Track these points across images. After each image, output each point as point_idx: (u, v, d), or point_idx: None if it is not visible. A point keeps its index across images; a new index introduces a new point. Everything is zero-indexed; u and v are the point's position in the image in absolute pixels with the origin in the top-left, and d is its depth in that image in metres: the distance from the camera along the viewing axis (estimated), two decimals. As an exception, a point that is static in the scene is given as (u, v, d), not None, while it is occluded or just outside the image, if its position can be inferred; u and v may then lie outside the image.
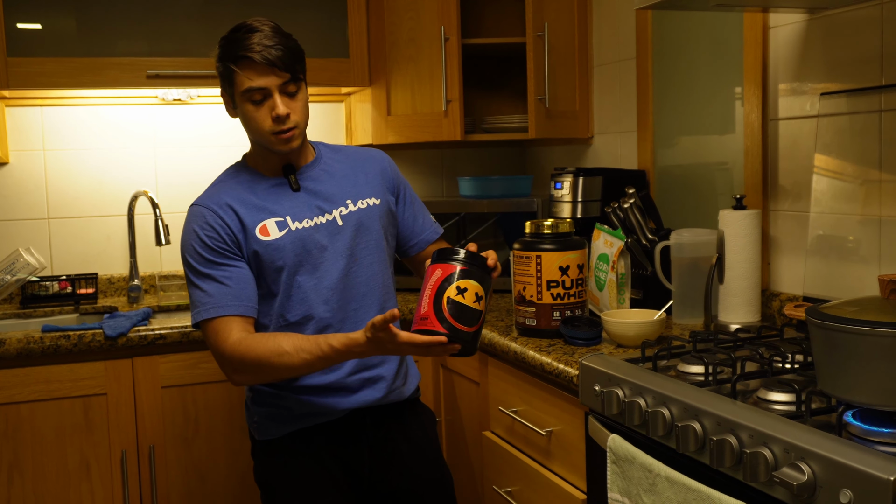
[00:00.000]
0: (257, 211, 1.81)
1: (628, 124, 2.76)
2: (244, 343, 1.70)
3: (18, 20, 2.65)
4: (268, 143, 1.82)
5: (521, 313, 2.15)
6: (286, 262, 1.80)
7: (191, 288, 1.79)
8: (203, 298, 1.75)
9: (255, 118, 1.78)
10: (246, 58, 1.75)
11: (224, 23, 2.81)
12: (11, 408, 2.41)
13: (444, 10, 2.84)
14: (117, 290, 3.09)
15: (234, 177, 1.89)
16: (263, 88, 1.76)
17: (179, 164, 3.15)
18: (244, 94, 1.77)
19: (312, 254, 1.82)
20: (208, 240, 1.77)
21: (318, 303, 1.82)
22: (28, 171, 3.00)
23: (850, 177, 1.94)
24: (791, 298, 2.11)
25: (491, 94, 3.28)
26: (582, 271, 2.13)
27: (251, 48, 1.74)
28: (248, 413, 1.95)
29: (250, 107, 1.78)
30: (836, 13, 1.96)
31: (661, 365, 1.72)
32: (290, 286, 1.81)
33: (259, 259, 1.80)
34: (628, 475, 1.57)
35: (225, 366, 1.75)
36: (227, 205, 1.81)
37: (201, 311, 1.75)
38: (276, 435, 1.86)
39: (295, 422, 1.84)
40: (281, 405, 1.84)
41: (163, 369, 2.53)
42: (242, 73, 1.76)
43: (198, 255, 1.77)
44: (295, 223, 1.82)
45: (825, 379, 1.36)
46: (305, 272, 1.81)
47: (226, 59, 1.78)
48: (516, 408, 2.14)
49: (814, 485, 1.20)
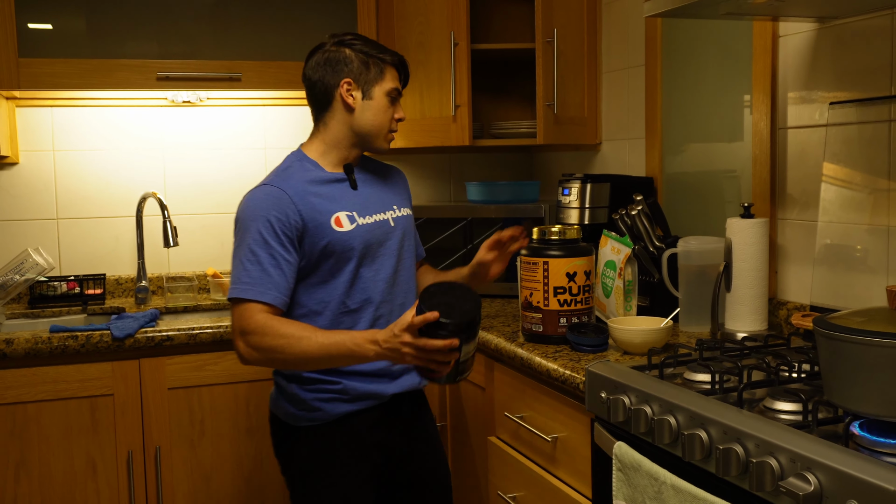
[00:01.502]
0: (330, 202, 1.91)
1: (636, 131, 2.76)
2: (270, 323, 1.79)
3: (30, 20, 2.66)
4: (379, 140, 1.99)
5: (527, 319, 2.15)
6: (355, 252, 1.91)
7: (238, 260, 1.85)
8: (245, 277, 1.82)
9: (386, 113, 1.97)
10: (401, 65, 2.01)
11: (234, 25, 2.85)
12: (19, 407, 2.42)
13: (453, 16, 2.85)
14: (125, 291, 3.10)
15: (301, 166, 1.96)
16: (400, 94, 2.01)
17: (188, 166, 3.16)
18: (389, 91, 1.97)
19: (373, 247, 1.95)
20: (276, 222, 1.84)
21: (376, 293, 1.95)
22: (38, 172, 3.01)
23: (858, 186, 1.93)
24: (798, 307, 2.11)
25: (499, 100, 3.29)
26: (589, 278, 2.13)
27: (399, 59, 2.01)
28: (283, 403, 1.98)
29: (386, 103, 1.97)
30: (846, 22, 1.96)
31: (667, 373, 1.72)
32: (355, 275, 1.92)
33: (329, 248, 1.88)
34: (634, 483, 1.57)
35: (242, 343, 1.82)
36: (303, 193, 1.88)
37: (240, 288, 1.82)
38: (325, 419, 1.93)
39: (348, 404, 1.93)
40: (335, 389, 1.92)
41: (169, 371, 2.54)
42: (393, 74, 1.98)
43: (259, 234, 1.83)
44: (361, 218, 1.94)
45: (832, 389, 1.36)
46: (367, 264, 1.93)
47: (377, 55, 1.96)
48: (522, 413, 2.14)
49: (820, 495, 1.20)
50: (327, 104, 1.96)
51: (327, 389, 1.93)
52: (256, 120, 3.23)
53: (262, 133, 3.24)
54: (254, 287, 1.81)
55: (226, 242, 3.22)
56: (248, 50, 2.87)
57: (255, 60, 2.86)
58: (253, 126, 3.23)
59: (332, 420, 1.94)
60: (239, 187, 3.21)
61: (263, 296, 1.81)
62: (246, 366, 1.91)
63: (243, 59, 2.85)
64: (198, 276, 3.15)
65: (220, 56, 2.84)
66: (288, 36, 2.91)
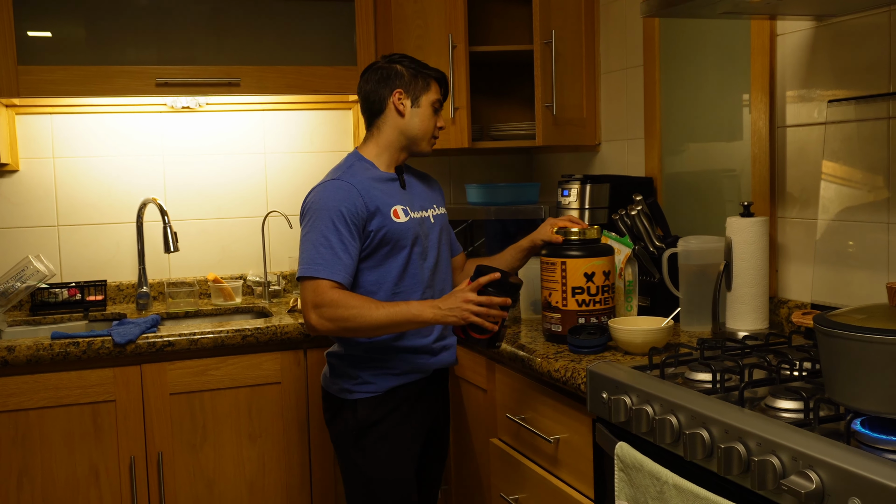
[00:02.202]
0: (388, 196, 2.16)
1: (636, 131, 2.76)
2: (342, 296, 2.04)
3: (29, 28, 2.67)
4: (424, 143, 2.23)
5: (547, 319, 2.16)
6: (409, 240, 2.15)
7: (310, 243, 2.09)
8: (318, 259, 2.06)
9: (431, 120, 2.22)
10: (443, 80, 2.26)
11: (232, 31, 2.86)
12: (21, 414, 2.43)
13: (451, 18, 2.85)
14: (126, 297, 3.10)
15: (361, 165, 2.19)
16: (443, 104, 2.26)
17: (188, 171, 3.17)
18: (434, 102, 2.21)
19: (421, 238, 2.20)
20: (346, 212, 2.08)
21: (423, 278, 2.20)
22: (38, 179, 3.02)
23: (857, 183, 1.93)
24: (799, 306, 2.11)
25: (498, 102, 3.29)
26: (608, 278, 2.13)
27: (444, 77, 2.26)
28: (333, 377, 2.22)
29: (431, 112, 2.21)
30: (844, 20, 1.96)
31: (668, 372, 1.72)
32: (408, 261, 2.16)
33: (388, 236, 2.12)
34: (636, 483, 1.57)
35: (315, 315, 2.05)
36: (367, 188, 2.13)
37: (314, 268, 2.06)
38: (376, 392, 2.16)
39: (398, 378, 2.17)
40: (386, 364, 2.16)
41: (171, 376, 2.54)
42: (437, 87, 2.23)
43: (331, 222, 2.07)
44: (413, 213, 2.19)
45: (833, 387, 1.35)
46: (417, 252, 2.18)
47: (423, 71, 2.22)
48: (524, 415, 2.14)
49: (822, 493, 1.20)
50: (380, 111, 2.21)
51: (378, 366, 2.16)
52: (256, 124, 3.24)
53: (262, 137, 3.25)
54: (327, 267, 2.05)
55: (226, 248, 3.22)
56: (246, 55, 2.87)
57: (254, 65, 2.87)
58: (252, 131, 3.24)
59: (383, 392, 2.16)
60: (239, 192, 3.22)
61: (335, 275, 2.05)
62: (314, 334, 2.17)
63: (242, 64, 2.86)
64: (199, 282, 3.15)
65: (218, 61, 2.85)
66: (286, 40, 2.91)
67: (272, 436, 2.66)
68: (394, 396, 2.18)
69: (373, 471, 2.16)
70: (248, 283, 3.21)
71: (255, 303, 3.08)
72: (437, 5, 2.88)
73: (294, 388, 2.67)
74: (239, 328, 2.60)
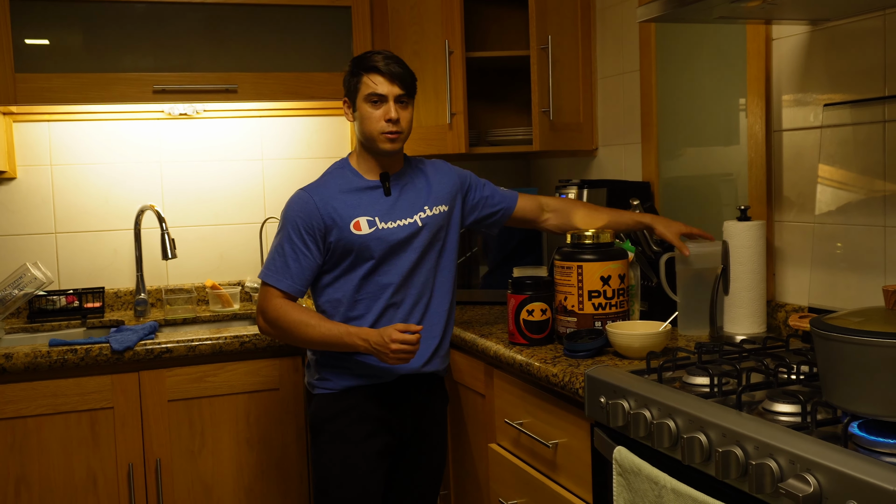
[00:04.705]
0: (353, 208, 2.16)
1: (632, 136, 2.76)
2: (283, 307, 2.14)
3: (26, 36, 2.67)
4: (376, 142, 2.15)
5: (562, 323, 2.16)
6: (374, 251, 2.15)
7: (272, 250, 2.20)
8: (271, 265, 2.17)
9: (371, 118, 2.14)
10: (374, 69, 2.14)
11: (229, 37, 2.86)
12: (19, 422, 2.42)
13: (448, 24, 2.86)
14: (124, 304, 3.10)
15: (340, 173, 2.23)
16: (383, 95, 2.13)
17: (186, 178, 3.17)
18: (367, 97, 2.14)
19: (395, 248, 2.17)
20: (302, 223, 2.14)
21: (394, 284, 2.19)
22: (35, 186, 3.02)
23: (853, 187, 1.94)
24: (796, 309, 2.11)
25: (495, 107, 3.29)
26: (624, 281, 2.14)
27: (378, 62, 2.14)
28: (309, 371, 2.29)
29: (369, 108, 2.14)
30: (839, 24, 1.96)
31: (666, 376, 1.72)
32: (370, 271, 2.17)
33: (347, 248, 2.15)
34: (634, 487, 1.57)
35: (262, 318, 2.18)
36: (328, 200, 2.16)
37: (266, 273, 2.17)
38: (333, 389, 2.20)
39: (355, 378, 2.19)
40: (344, 364, 2.19)
41: (169, 383, 2.54)
42: (369, 79, 2.13)
43: (288, 232, 2.15)
44: (383, 223, 2.17)
45: (830, 390, 1.36)
46: (384, 262, 2.17)
47: (357, 69, 2.16)
48: (522, 420, 2.14)
49: (819, 496, 1.20)
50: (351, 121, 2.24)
51: (337, 364, 2.20)
52: (253, 131, 3.24)
53: (259, 144, 3.25)
54: (275, 274, 2.15)
55: (224, 254, 3.22)
56: (243, 62, 2.87)
57: (251, 72, 2.87)
58: (250, 137, 3.24)
59: (340, 391, 2.19)
60: (237, 198, 3.22)
61: (280, 283, 2.14)
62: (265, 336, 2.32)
63: (239, 71, 2.86)
64: (196, 288, 3.15)
65: (216, 68, 2.85)
66: (284, 47, 2.92)
67: (270, 442, 2.65)
68: (347, 396, 2.19)
69: (324, 468, 2.20)
70: (246, 289, 3.21)
71: (253, 309, 3.08)
72: (433, 11, 2.89)
73: (292, 395, 2.67)
74: (237, 334, 2.60)
